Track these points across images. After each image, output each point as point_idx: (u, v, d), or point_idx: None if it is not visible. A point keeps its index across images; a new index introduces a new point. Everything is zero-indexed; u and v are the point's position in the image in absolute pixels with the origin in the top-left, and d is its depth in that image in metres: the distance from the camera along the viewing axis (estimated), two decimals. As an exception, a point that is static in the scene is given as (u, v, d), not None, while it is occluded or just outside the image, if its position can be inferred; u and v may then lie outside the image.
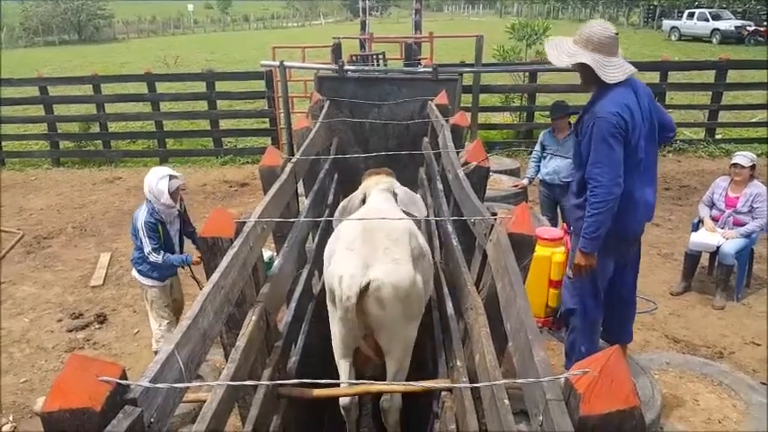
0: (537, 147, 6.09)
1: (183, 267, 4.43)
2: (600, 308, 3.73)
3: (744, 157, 5.48)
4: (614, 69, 3.22)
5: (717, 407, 3.87)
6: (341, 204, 3.71)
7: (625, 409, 1.34)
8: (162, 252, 4.24)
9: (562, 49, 3.29)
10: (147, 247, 4.20)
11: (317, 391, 2.82)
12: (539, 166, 6.06)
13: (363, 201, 3.61)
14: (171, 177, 4.24)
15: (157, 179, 4.20)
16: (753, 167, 5.45)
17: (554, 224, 5.72)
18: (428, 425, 3.16)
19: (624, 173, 3.22)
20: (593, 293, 3.65)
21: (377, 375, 3.08)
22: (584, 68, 3.26)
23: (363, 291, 2.67)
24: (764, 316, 5.33)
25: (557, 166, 5.81)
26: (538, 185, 6.26)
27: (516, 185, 6.41)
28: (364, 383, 2.88)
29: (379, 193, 3.56)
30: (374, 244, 2.82)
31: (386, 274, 2.71)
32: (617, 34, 3.28)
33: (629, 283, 3.82)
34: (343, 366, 3.06)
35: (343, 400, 3.14)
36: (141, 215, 4.24)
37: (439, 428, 2.87)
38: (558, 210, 6.07)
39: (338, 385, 3.06)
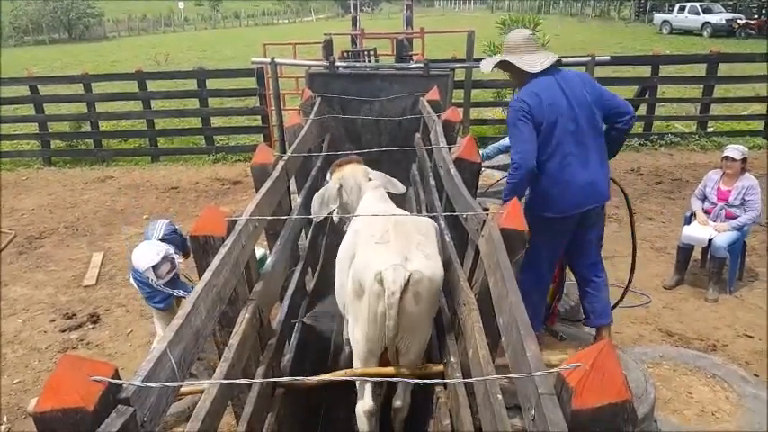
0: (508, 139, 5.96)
1: None
2: (536, 284, 3.88)
3: (735, 150, 5.50)
4: (530, 62, 3.60)
5: (710, 399, 3.90)
6: (317, 196, 3.64)
7: (617, 402, 1.34)
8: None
9: (490, 60, 3.80)
10: (180, 293, 4.19)
11: (311, 379, 2.79)
12: (500, 151, 6.00)
13: (339, 190, 3.61)
14: (155, 268, 4.09)
15: (143, 269, 4.11)
16: (744, 160, 5.47)
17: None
18: (422, 420, 3.16)
19: (545, 155, 3.53)
20: (529, 270, 3.69)
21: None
22: (508, 67, 3.68)
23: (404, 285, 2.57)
24: (756, 308, 5.36)
25: None
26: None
27: None
28: (355, 371, 2.86)
29: (374, 190, 3.55)
30: (407, 238, 2.75)
31: (424, 267, 2.63)
32: (532, 35, 3.72)
33: (588, 263, 3.96)
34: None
35: (362, 419, 3.00)
36: (152, 278, 4.15)
37: (433, 424, 2.88)
38: None
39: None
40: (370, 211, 3.20)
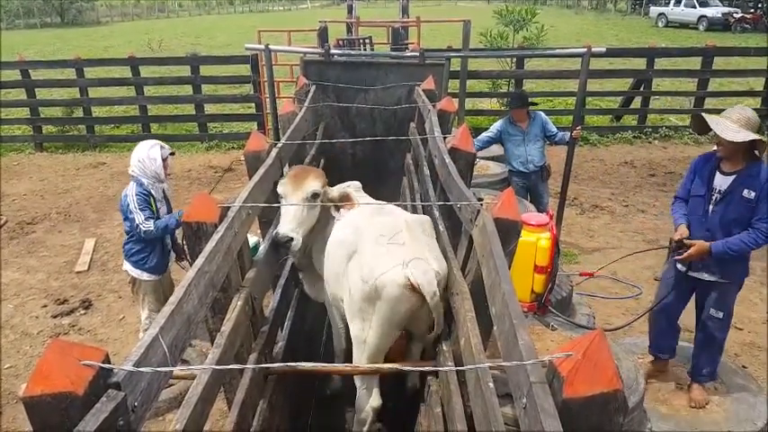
0: (491, 132, 6.03)
1: (178, 227, 4.12)
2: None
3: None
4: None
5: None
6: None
7: (608, 391, 1.35)
8: (152, 221, 4.06)
9: (728, 127, 3.48)
10: (140, 217, 4.01)
11: (304, 365, 2.79)
12: (481, 149, 6.02)
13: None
14: (162, 146, 4.18)
15: (148, 148, 4.12)
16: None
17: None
18: (415, 408, 3.17)
19: None
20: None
21: None
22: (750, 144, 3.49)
23: None
24: (746, 301, 5.39)
25: (528, 153, 5.85)
26: (509, 176, 6.22)
27: None
28: (348, 366, 2.88)
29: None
30: (419, 239, 2.82)
31: (440, 267, 2.73)
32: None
33: None
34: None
35: (368, 414, 3.08)
36: (131, 191, 4.09)
37: (425, 412, 2.89)
38: (529, 196, 6.05)
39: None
40: (372, 210, 3.29)
